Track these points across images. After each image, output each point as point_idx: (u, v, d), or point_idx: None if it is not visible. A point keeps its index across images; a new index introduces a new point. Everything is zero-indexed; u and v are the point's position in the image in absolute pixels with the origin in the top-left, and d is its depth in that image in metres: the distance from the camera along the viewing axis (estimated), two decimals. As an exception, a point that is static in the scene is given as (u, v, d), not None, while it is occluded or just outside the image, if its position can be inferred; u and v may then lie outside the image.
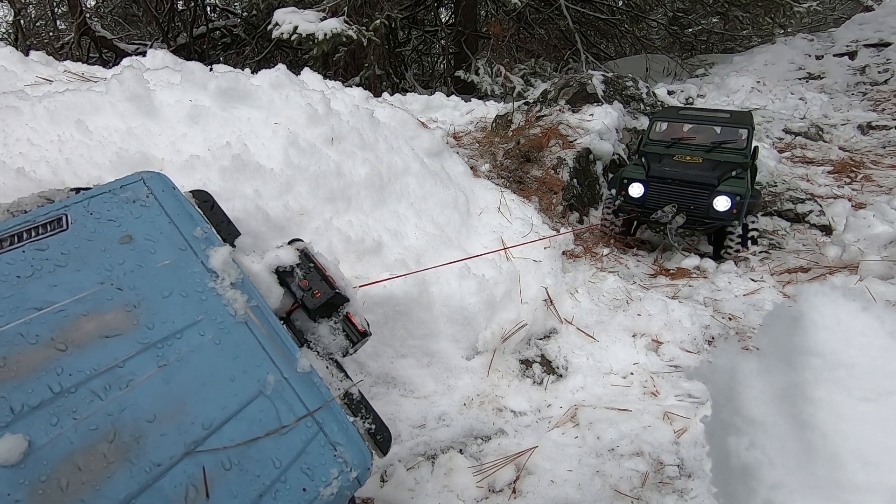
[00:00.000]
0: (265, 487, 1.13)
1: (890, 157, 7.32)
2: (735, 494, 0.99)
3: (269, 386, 1.24)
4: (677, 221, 4.72)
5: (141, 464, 1.06)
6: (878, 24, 11.84)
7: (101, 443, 1.05)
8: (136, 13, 13.88)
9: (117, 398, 1.11)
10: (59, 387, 1.08)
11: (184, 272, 1.33)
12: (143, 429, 1.10)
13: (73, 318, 1.17)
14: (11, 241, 1.23)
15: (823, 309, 0.98)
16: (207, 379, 1.21)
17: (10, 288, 1.16)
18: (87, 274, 1.25)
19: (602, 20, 12.34)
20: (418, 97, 7.61)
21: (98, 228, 1.33)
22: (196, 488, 1.08)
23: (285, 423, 1.21)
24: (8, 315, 1.12)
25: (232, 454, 1.14)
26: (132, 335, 1.20)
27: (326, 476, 1.19)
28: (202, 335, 1.26)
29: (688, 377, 1.39)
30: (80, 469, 1.01)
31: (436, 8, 13.00)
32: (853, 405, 0.89)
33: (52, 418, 1.05)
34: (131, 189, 1.43)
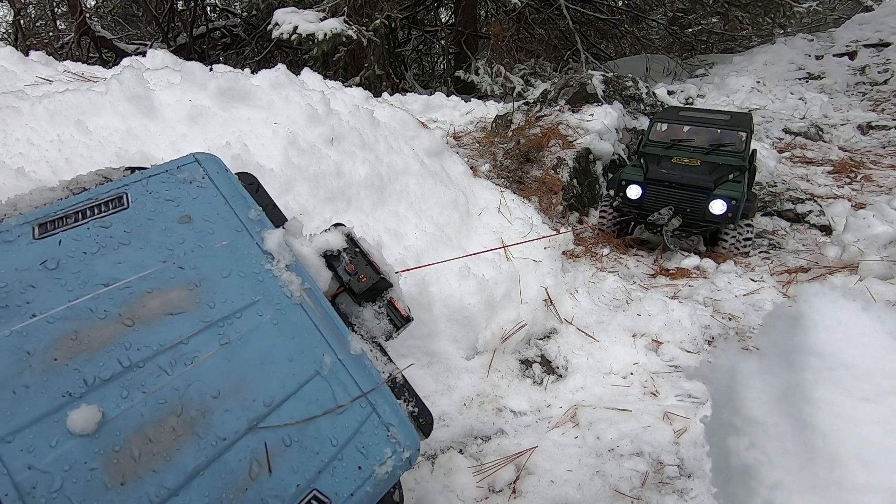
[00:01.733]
0: (323, 464, 1.17)
1: (890, 157, 7.32)
2: (735, 494, 0.99)
3: (326, 366, 1.28)
4: (673, 224, 4.79)
5: (207, 437, 1.11)
6: (878, 24, 11.84)
7: (170, 416, 1.10)
8: (136, 13, 13.88)
9: (183, 374, 1.15)
10: (128, 361, 1.12)
11: (241, 253, 1.36)
12: (209, 404, 1.14)
13: (139, 294, 1.21)
14: (76, 218, 1.26)
15: (823, 309, 0.98)
16: (267, 358, 1.24)
17: (78, 263, 1.20)
18: (150, 252, 1.28)
19: (602, 20, 12.34)
20: (418, 97, 7.61)
21: (158, 208, 1.36)
22: (259, 463, 1.12)
23: (341, 403, 1.25)
24: (77, 290, 1.16)
25: (292, 431, 1.18)
26: (195, 313, 1.23)
27: (381, 455, 1.23)
28: (260, 315, 1.29)
29: (688, 377, 1.39)
30: (150, 441, 1.06)
31: (436, 8, 13.00)
32: (853, 405, 0.89)
33: (123, 391, 1.09)
34: (187, 170, 1.46)
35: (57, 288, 1.15)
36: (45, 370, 1.05)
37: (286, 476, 1.13)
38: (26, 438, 0.99)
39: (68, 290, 1.16)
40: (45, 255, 1.19)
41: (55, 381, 1.05)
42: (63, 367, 1.07)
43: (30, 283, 1.14)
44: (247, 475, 1.10)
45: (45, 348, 1.08)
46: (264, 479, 1.11)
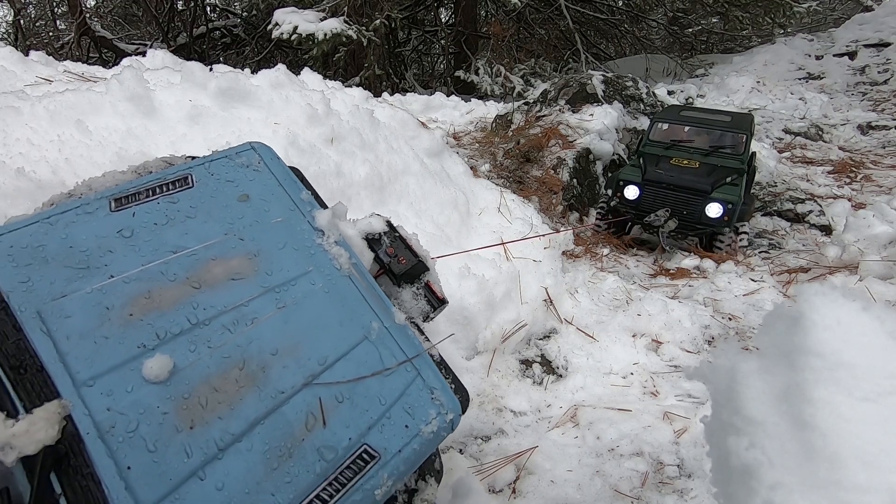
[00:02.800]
0: (373, 421, 1.25)
1: (890, 157, 7.31)
2: (735, 494, 0.99)
3: (374, 332, 1.39)
4: (669, 226, 4.80)
5: (267, 390, 1.20)
6: (878, 24, 11.84)
7: (233, 370, 1.20)
8: (136, 13, 13.87)
9: (244, 332, 1.26)
10: (195, 319, 1.23)
11: (294, 229, 1.49)
12: (268, 361, 1.24)
13: (204, 261, 1.33)
14: (147, 194, 1.41)
15: (823, 309, 0.98)
16: (319, 322, 1.35)
17: (150, 233, 1.33)
18: (213, 225, 1.41)
19: (602, 20, 12.33)
20: (418, 97, 7.61)
21: (219, 187, 1.50)
22: (314, 416, 1.21)
23: (388, 366, 1.35)
24: (149, 255, 1.29)
25: (344, 389, 1.27)
26: (254, 279, 1.35)
27: (426, 416, 1.32)
28: (313, 284, 1.41)
29: (688, 377, 1.39)
30: (216, 390, 1.16)
31: (436, 8, 13.00)
32: (853, 405, 0.90)
33: (191, 346, 1.20)
34: (245, 156, 1.60)
35: (132, 253, 1.28)
36: (122, 324, 1.17)
37: (339, 430, 1.22)
38: (106, 383, 1.09)
39: (141, 255, 1.29)
40: (120, 224, 1.33)
41: (131, 333, 1.16)
42: (138, 322, 1.18)
43: (108, 248, 1.28)
44: (303, 426, 1.19)
45: (122, 305, 1.20)
46: (319, 431, 1.20)
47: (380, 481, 1.19)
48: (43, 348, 1.09)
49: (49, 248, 1.24)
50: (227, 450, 1.11)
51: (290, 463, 1.14)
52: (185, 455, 1.07)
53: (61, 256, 1.23)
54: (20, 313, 1.12)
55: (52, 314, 1.14)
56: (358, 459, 1.20)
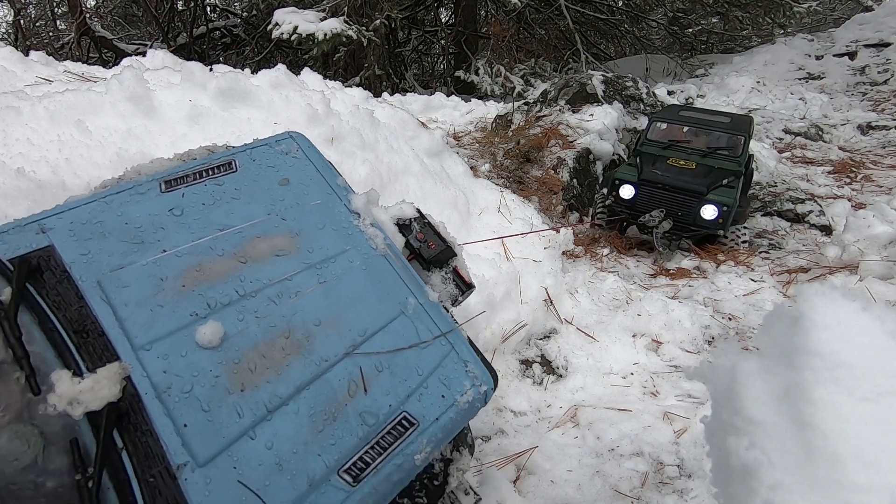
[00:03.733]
0: (411, 390, 1.32)
1: (890, 157, 7.31)
2: (735, 494, 0.99)
3: (410, 308, 1.46)
4: (664, 227, 4.80)
5: (312, 358, 1.27)
6: (878, 25, 11.83)
7: (279, 338, 1.27)
8: (136, 13, 13.87)
9: (289, 304, 1.33)
10: (243, 291, 1.31)
11: (332, 211, 1.58)
12: (311, 331, 1.31)
13: (250, 238, 1.42)
14: (195, 177, 1.50)
15: (823, 309, 0.98)
16: (358, 296, 1.43)
17: (198, 212, 1.43)
18: (257, 206, 1.50)
19: (602, 20, 12.33)
20: (418, 97, 7.60)
21: (261, 172, 1.59)
22: (356, 383, 1.28)
23: (424, 339, 1.42)
24: (199, 232, 1.38)
25: (383, 360, 1.34)
26: (296, 256, 1.43)
27: (461, 387, 1.39)
28: (351, 262, 1.49)
29: (688, 377, 1.40)
30: (264, 357, 1.23)
31: (436, 8, 12.99)
32: (853, 405, 0.90)
33: (239, 315, 1.27)
34: (284, 143, 1.70)
35: (182, 230, 1.37)
36: (176, 294, 1.25)
37: (379, 397, 1.28)
38: (162, 348, 1.16)
39: (191, 231, 1.38)
40: (171, 204, 1.42)
41: (184, 303, 1.24)
42: (190, 293, 1.26)
43: (160, 225, 1.37)
44: (346, 393, 1.26)
45: (175, 276, 1.28)
46: (361, 397, 1.26)
47: (419, 447, 1.25)
48: (103, 315, 1.17)
49: (106, 225, 1.33)
50: (275, 412, 1.17)
51: (335, 426, 1.20)
52: (236, 415, 1.14)
53: (118, 232, 1.32)
54: (81, 282, 1.20)
55: (110, 284, 1.22)
56: (398, 426, 1.26)
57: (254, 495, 1.06)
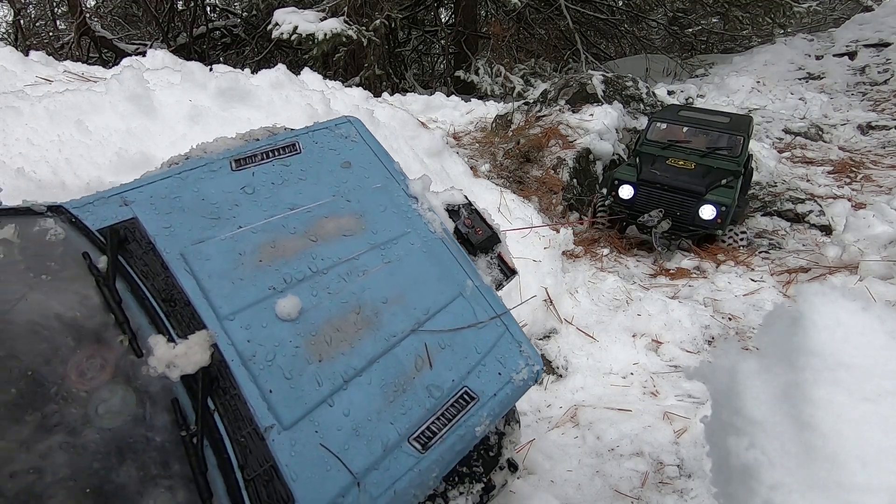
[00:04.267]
0: (471, 367, 1.40)
1: (890, 157, 7.31)
2: (735, 494, 0.99)
3: (468, 289, 1.54)
4: (662, 227, 4.82)
5: (381, 333, 1.35)
6: (878, 24, 11.83)
7: (351, 314, 1.34)
8: (136, 13, 13.86)
9: (358, 282, 1.41)
10: (315, 268, 1.38)
11: (392, 194, 1.64)
12: (379, 308, 1.39)
13: (318, 218, 1.48)
14: (263, 157, 1.56)
15: (823, 309, 0.98)
16: (420, 277, 1.50)
17: (269, 191, 1.49)
18: (322, 187, 1.56)
19: (602, 20, 12.33)
20: (418, 97, 7.60)
21: (323, 155, 1.65)
22: (422, 359, 1.36)
23: (481, 320, 1.49)
24: (270, 210, 1.44)
25: (445, 337, 1.42)
26: (362, 236, 1.50)
27: (516, 366, 1.46)
28: (412, 244, 1.56)
29: (688, 377, 1.40)
30: (338, 330, 1.30)
31: (436, 8, 12.99)
32: (853, 405, 0.89)
33: (313, 291, 1.34)
34: (343, 128, 1.75)
35: (255, 208, 1.43)
36: (254, 268, 1.31)
37: (443, 372, 1.37)
38: (244, 318, 1.23)
39: (263, 210, 1.44)
40: (242, 182, 1.48)
41: (262, 277, 1.30)
42: (267, 267, 1.32)
43: (234, 202, 1.42)
44: (413, 367, 1.34)
45: (252, 252, 1.34)
46: (426, 372, 1.35)
47: (479, 420, 1.34)
48: (188, 285, 1.23)
49: (184, 200, 1.39)
50: (350, 382, 1.25)
51: (404, 397, 1.29)
52: (316, 384, 1.21)
53: (195, 207, 1.38)
54: (166, 254, 1.26)
55: (193, 256, 1.29)
56: (460, 399, 1.35)
57: (334, 458, 1.14)
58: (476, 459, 1.54)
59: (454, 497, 1.44)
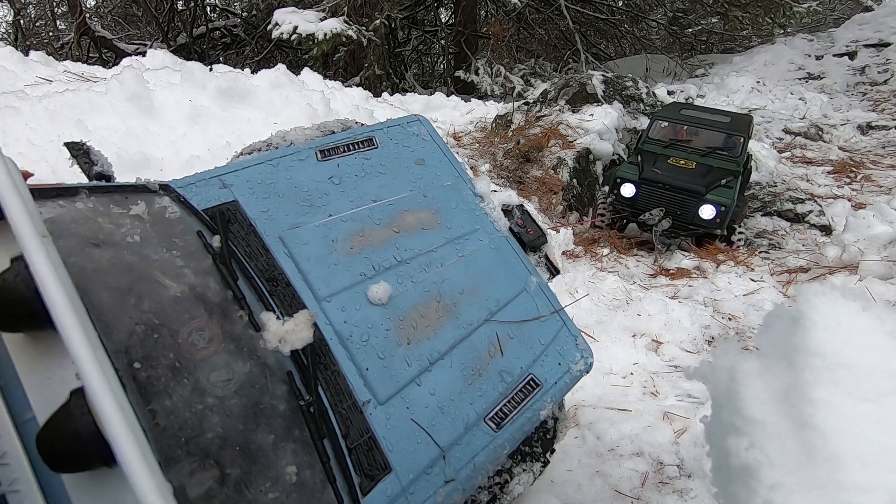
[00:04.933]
0: (536, 356, 1.53)
1: (890, 157, 7.31)
2: (735, 494, 0.99)
3: (531, 285, 1.66)
4: (663, 225, 4.88)
5: (460, 321, 1.46)
6: (878, 25, 11.83)
7: (432, 301, 1.45)
8: (136, 13, 13.86)
9: (437, 273, 1.51)
10: (400, 257, 1.47)
11: (461, 192, 1.74)
12: (457, 298, 1.50)
13: (399, 211, 1.57)
14: (345, 149, 1.63)
15: (823, 309, 0.98)
16: (490, 272, 1.61)
17: (353, 182, 1.57)
18: (400, 181, 1.65)
19: (602, 20, 12.32)
20: (418, 97, 7.59)
21: (399, 151, 1.72)
22: (494, 347, 1.48)
23: (543, 314, 1.62)
24: (356, 201, 1.52)
25: (513, 328, 1.54)
26: (438, 231, 1.60)
27: (573, 357, 1.60)
28: (481, 240, 1.66)
29: (688, 377, 1.40)
30: (422, 317, 1.41)
31: (436, 8, 12.99)
32: (853, 405, 0.89)
33: (399, 279, 1.43)
34: (414, 126, 1.83)
35: (342, 197, 1.51)
36: (346, 254, 1.39)
37: (512, 360, 1.49)
38: (340, 301, 1.31)
39: (350, 200, 1.52)
40: (329, 172, 1.55)
41: (354, 263, 1.38)
42: (357, 254, 1.41)
43: (324, 191, 1.49)
44: (487, 353, 1.46)
45: (344, 239, 1.42)
46: (498, 358, 1.47)
47: (543, 404, 1.48)
48: (288, 267, 1.30)
49: (279, 186, 1.45)
50: (435, 364, 1.35)
51: (481, 381, 1.41)
52: (405, 364, 1.31)
53: (289, 193, 1.44)
54: (266, 237, 1.33)
55: (291, 240, 1.35)
56: (527, 385, 1.48)
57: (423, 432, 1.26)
58: (536, 441, 1.65)
59: (518, 473, 1.56)
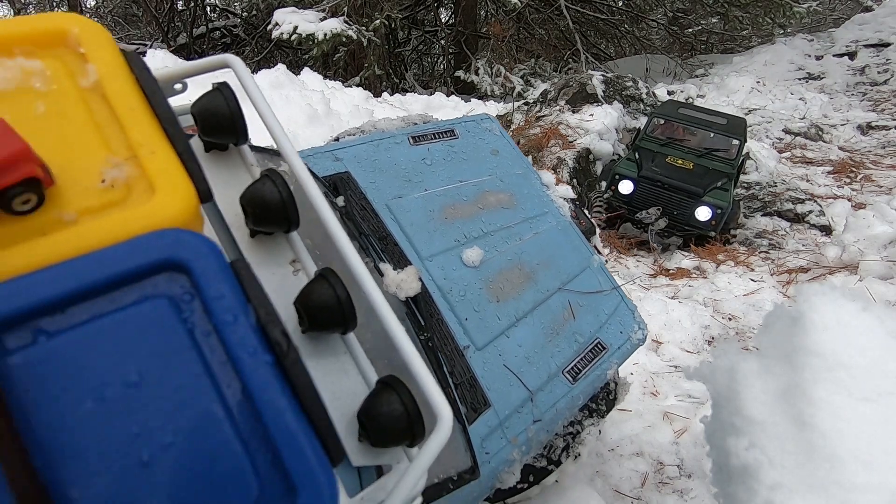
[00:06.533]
0: (601, 323, 1.74)
1: (890, 157, 7.30)
2: (735, 494, 0.99)
3: (594, 263, 1.89)
4: (659, 224, 4.90)
5: (538, 287, 1.68)
6: (878, 25, 11.83)
7: (514, 269, 1.67)
8: (136, 13, 13.86)
9: (517, 245, 1.74)
10: (485, 229, 1.70)
11: (531, 180, 1.98)
12: (534, 267, 1.72)
13: (481, 191, 1.80)
14: (433, 137, 1.87)
15: (823, 309, 0.98)
16: (559, 249, 1.83)
17: (442, 165, 1.80)
18: (480, 167, 1.88)
19: (602, 20, 12.31)
20: (418, 97, 7.59)
21: (476, 142, 1.96)
22: (567, 312, 1.69)
23: (605, 289, 1.84)
24: (446, 180, 1.76)
25: (581, 298, 1.76)
26: (515, 211, 1.84)
27: (631, 328, 1.80)
28: (550, 222, 1.89)
29: (688, 377, 1.40)
30: (507, 280, 1.62)
31: (436, 8, 12.98)
32: (853, 405, 0.90)
33: (486, 247, 1.64)
34: (486, 122, 2.07)
35: (434, 176, 1.74)
36: (442, 223, 1.61)
37: (583, 325, 1.70)
38: (439, 261, 1.52)
39: (440, 179, 1.75)
40: (422, 155, 1.79)
41: (449, 231, 1.60)
42: (451, 224, 1.63)
43: (419, 170, 1.71)
44: (562, 316, 1.67)
45: (439, 210, 1.62)
46: (571, 322, 1.68)
47: (609, 365, 1.68)
48: (394, 230, 1.50)
49: (381, 162, 1.65)
50: (520, 321, 1.54)
51: (558, 339, 1.62)
52: (497, 318, 1.49)
53: (390, 170, 1.65)
54: (375, 203, 1.53)
55: (396, 208, 1.56)
56: (596, 347, 1.68)
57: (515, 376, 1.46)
58: (601, 399, 1.82)
59: (587, 426, 1.74)
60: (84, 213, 0.59)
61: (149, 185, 0.63)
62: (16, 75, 0.61)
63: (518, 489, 1.55)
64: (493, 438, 1.36)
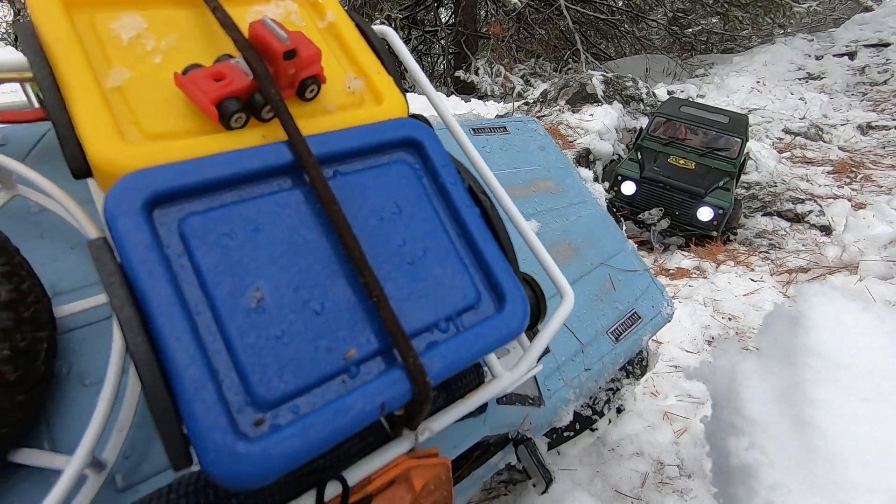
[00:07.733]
0: (636, 297, 1.95)
1: (890, 157, 7.31)
2: (735, 494, 0.99)
3: (628, 247, 2.10)
4: (661, 225, 4.93)
5: (583, 260, 1.90)
6: (878, 25, 11.83)
7: (563, 243, 1.90)
8: (136, 13, 13.85)
9: (563, 225, 1.97)
10: (538, 209, 1.94)
11: (571, 173, 2.22)
12: (579, 244, 1.95)
13: (532, 178, 2.05)
14: (489, 131, 2.10)
15: (823, 309, 0.98)
16: (599, 232, 2.05)
17: (498, 154, 2.04)
18: (530, 159, 2.12)
19: (602, 20, 12.32)
20: (419, 97, 7.59)
21: (524, 138, 2.20)
22: (608, 283, 1.90)
23: (638, 269, 2.05)
24: (504, 166, 2.00)
25: (618, 274, 1.97)
26: (560, 196, 2.07)
27: (660, 304, 2.00)
28: (590, 210, 2.12)
29: (688, 377, 1.41)
30: (558, 252, 1.84)
31: (436, 8, 12.98)
32: (853, 405, 0.90)
33: (541, 222, 1.89)
34: (532, 123, 2.32)
35: (493, 162, 1.94)
36: None
37: (622, 295, 1.91)
38: None
39: (498, 164, 1.98)
40: (481, 144, 2.03)
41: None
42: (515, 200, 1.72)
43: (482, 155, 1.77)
44: (604, 286, 1.89)
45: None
46: (612, 292, 1.89)
47: (643, 333, 1.87)
48: None
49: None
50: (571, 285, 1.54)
51: (602, 305, 1.83)
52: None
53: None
54: None
55: None
56: (632, 316, 1.88)
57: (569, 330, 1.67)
58: (636, 364, 2.00)
59: (625, 385, 1.94)
60: (339, 107, 0.81)
61: (376, 94, 0.86)
62: (283, 12, 0.86)
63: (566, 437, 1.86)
64: (552, 379, 1.58)
